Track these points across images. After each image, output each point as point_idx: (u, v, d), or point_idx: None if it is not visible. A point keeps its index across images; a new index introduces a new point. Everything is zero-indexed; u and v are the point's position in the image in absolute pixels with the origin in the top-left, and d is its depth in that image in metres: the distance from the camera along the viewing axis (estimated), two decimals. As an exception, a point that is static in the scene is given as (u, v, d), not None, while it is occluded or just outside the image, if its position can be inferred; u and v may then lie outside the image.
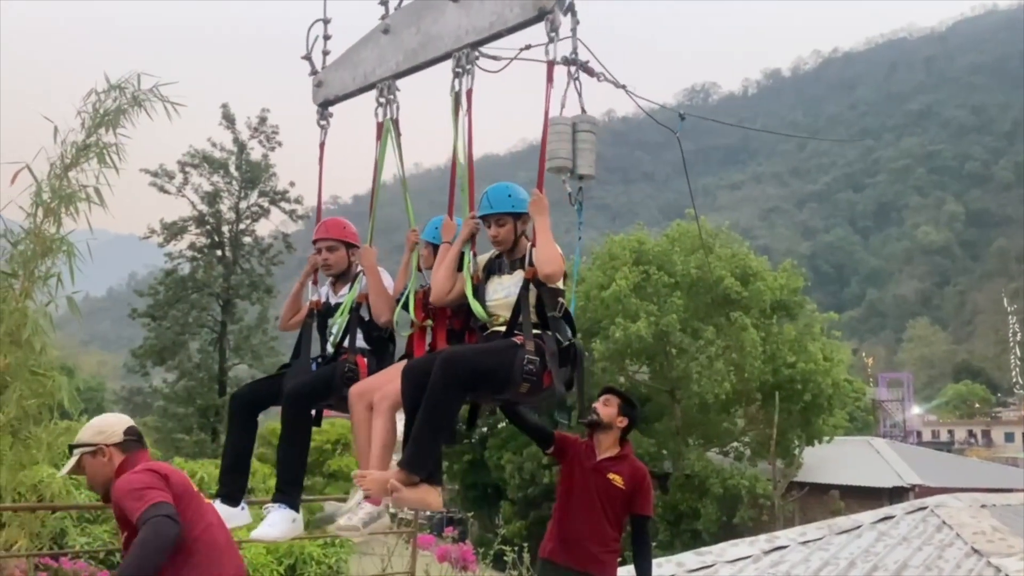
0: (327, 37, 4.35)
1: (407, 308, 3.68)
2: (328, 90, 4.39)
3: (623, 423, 4.35)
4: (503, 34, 3.55)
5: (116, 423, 3.12)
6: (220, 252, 28.40)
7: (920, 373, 79.59)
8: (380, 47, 4.09)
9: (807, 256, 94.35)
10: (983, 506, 7.42)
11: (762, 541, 6.47)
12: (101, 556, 8.19)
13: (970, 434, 61.50)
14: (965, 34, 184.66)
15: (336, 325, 3.95)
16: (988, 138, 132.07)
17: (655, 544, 16.33)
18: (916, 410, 59.49)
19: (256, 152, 28.07)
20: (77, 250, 6.60)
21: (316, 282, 4.23)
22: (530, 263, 3.35)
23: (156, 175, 27.31)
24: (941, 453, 37.22)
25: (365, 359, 3.81)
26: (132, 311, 28.32)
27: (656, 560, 6.28)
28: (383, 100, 3.97)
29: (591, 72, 3.58)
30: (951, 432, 62.23)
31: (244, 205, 28.54)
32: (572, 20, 3.47)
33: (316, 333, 4.07)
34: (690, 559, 6.06)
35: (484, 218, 3.53)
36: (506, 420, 22.63)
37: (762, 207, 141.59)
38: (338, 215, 4.31)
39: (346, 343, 3.88)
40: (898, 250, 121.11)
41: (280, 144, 28.06)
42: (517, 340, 3.25)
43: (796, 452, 22.73)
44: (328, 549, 10.47)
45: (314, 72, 4.43)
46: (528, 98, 3.43)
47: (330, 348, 3.99)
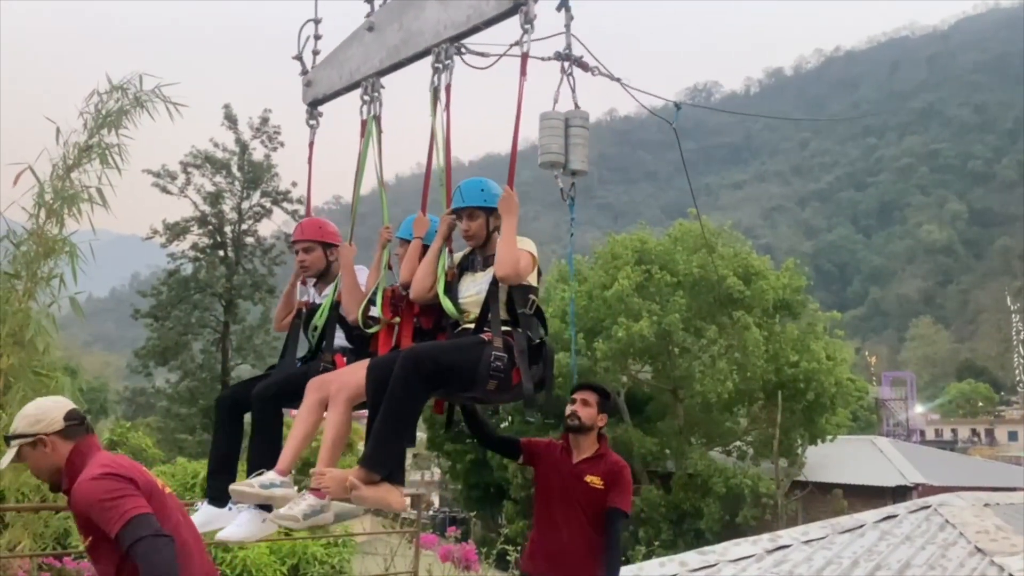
0: (317, 37, 4.36)
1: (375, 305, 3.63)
2: (317, 89, 4.40)
3: (604, 421, 4.21)
4: (480, 28, 3.53)
5: (54, 409, 2.89)
6: (222, 252, 28.43)
7: (923, 372, 79.52)
8: (365, 45, 4.09)
9: (810, 255, 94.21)
10: (986, 505, 7.41)
11: (765, 540, 6.47)
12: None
13: (973, 433, 61.42)
14: (967, 32, 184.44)
15: (317, 324, 3.92)
16: (991, 136, 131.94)
17: (658, 543, 16.35)
18: (919, 409, 59.40)
19: (258, 152, 28.12)
20: (80, 251, 6.61)
21: (305, 283, 4.20)
22: None
23: (158, 176, 27.35)
24: (944, 452, 37.15)
25: (345, 358, 3.77)
26: (135, 312, 28.37)
27: (659, 559, 6.28)
28: (367, 98, 3.97)
29: (585, 67, 3.56)
30: (954, 431, 62.16)
31: (246, 205, 28.58)
32: (566, 16, 3.45)
33: (303, 333, 4.04)
34: (693, 558, 6.05)
35: (456, 212, 3.49)
36: (509, 421, 22.72)
37: (764, 206, 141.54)
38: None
39: (325, 342, 3.85)
40: (901, 249, 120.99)
41: (282, 144, 28.08)
42: (485, 337, 3.22)
43: (799, 451, 22.71)
44: (331, 549, 10.47)
45: (304, 72, 4.44)
46: (531, 97, 3.39)
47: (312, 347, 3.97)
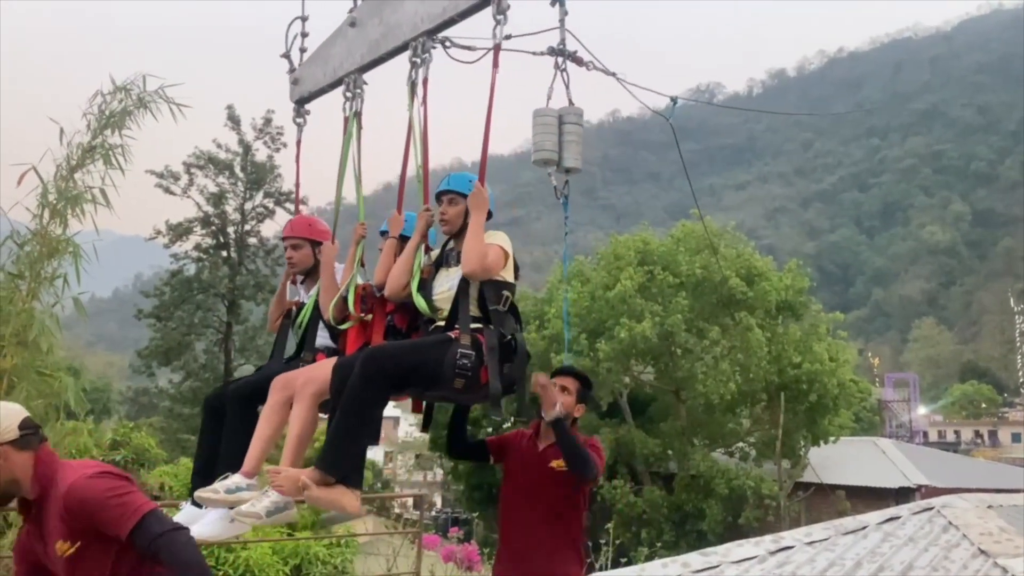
0: (304, 34, 4.35)
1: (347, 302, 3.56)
2: (303, 87, 4.39)
3: (581, 412, 3.93)
4: (456, 20, 3.52)
5: (8, 417, 2.73)
6: (225, 253, 28.45)
7: (926, 373, 79.42)
8: (348, 41, 4.08)
9: (812, 256, 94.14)
10: (990, 507, 7.39)
11: (767, 542, 6.45)
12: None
13: (976, 434, 61.36)
14: (971, 33, 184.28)
15: (302, 322, 3.88)
16: (994, 137, 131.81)
17: (660, 544, 16.32)
18: (922, 410, 59.36)
19: (261, 153, 28.11)
20: (83, 251, 6.63)
21: (296, 282, 4.18)
22: None
23: (161, 176, 27.37)
24: (947, 453, 37.10)
25: (326, 356, 3.70)
26: (138, 312, 28.40)
27: (661, 560, 6.27)
28: (349, 94, 3.95)
29: (580, 62, 3.51)
30: (957, 432, 62.09)
31: (249, 206, 28.58)
32: (560, 10, 3.42)
33: (292, 333, 4.02)
34: (695, 559, 6.04)
35: (437, 196, 3.44)
36: (511, 419, 22.70)
37: (767, 207, 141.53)
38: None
39: (307, 341, 3.81)
40: (904, 250, 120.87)
41: (285, 145, 28.05)
42: (453, 335, 3.14)
43: (802, 452, 22.68)
44: (333, 549, 10.47)
45: (292, 69, 4.43)
46: (528, 93, 3.39)
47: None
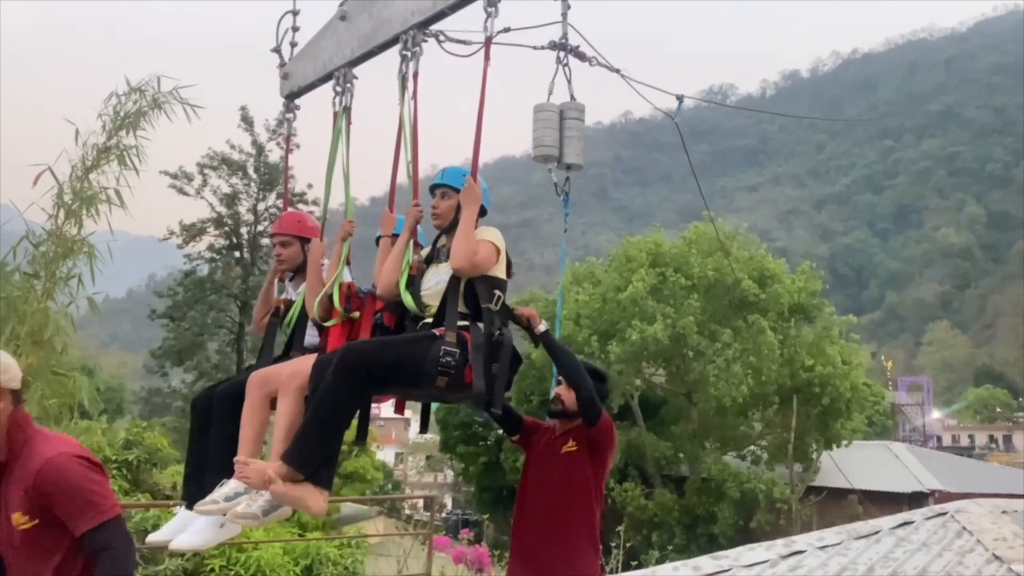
0: (295, 29, 4.29)
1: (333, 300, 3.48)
2: (293, 82, 4.33)
3: None
4: (447, 12, 3.48)
5: (15, 366, 2.67)
6: (238, 254, 28.59)
7: (940, 377, 78.80)
8: (338, 35, 4.03)
9: (825, 258, 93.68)
10: (1004, 512, 7.33)
11: (779, 545, 6.42)
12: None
13: (991, 439, 60.83)
14: (986, 34, 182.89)
15: (290, 321, 3.82)
16: (1009, 139, 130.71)
17: (671, 547, 16.27)
18: (936, 414, 58.90)
19: (274, 154, 28.26)
20: (98, 251, 6.67)
21: (283, 279, 4.14)
22: None
23: (175, 177, 27.55)
24: (961, 458, 36.78)
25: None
26: (151, 312, 28.58)
27: (672, 564, 6.26)
28: (339, 89, 3.88)
29: (583, 57, 3.47)
30: (971, 437, 61.59)
31: (262, 207, 28.71)
32: (563, 4, 3.38)
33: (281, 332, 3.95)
34: (707, 563, 6.02)
35: (431, 189, 3.40)
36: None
37: (780, 209, 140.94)
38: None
39: (295, 340, 3.75)
40: (918, 253, 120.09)
41: (298, 146, 28.03)
42: (438, 332, 3.05)
43: (814, 456, 22.56)
44: (344, 550, 10.50)
45: (282, 64, 4.37)
46: (545, 96, 3.35)
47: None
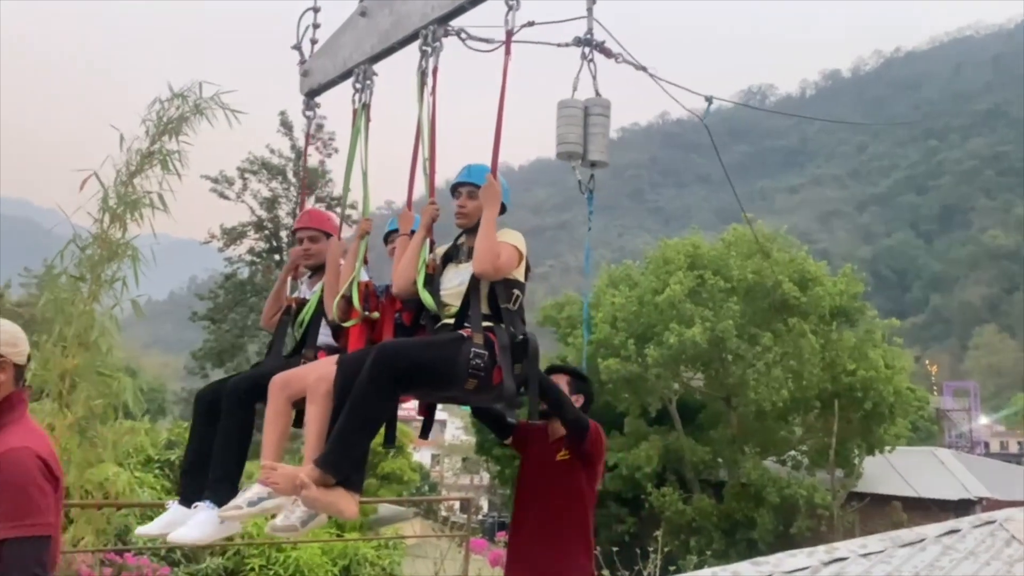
0: (316, 26, 4.24)
1: (351, 300, 3.44)
2: (313, 79, 4.27)
3: (579, 402, 3.83)
4: (466, 7, 3.42)
5: (23, 339, 2.54)
6: (278, 257, 28.95)
7: (987, 382, 76.91)
8: (358, 31, 3.98)
9: (867, 260, 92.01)
10: (1055, 521, 7.12)
11: (821, 552, 6.31)
12: (163, 552, 8.40)
13: (1041, 446, 59.27)
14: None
15: (303, 319, 3.77)
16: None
17: (709, 553, 16.11)
18: (983, 420, 57.52)
19: (313, 158, 28.60)
20: (141, 254, 6.81)
21: (297, 278, 4.10)
22: None
23: (216, 181, 28.02)
24: (1010, 465, 35.85)
25: (327, 355, 3.57)
26: (192, 314, 29.08)
27: (711, 569, 6.19)
28: (358, 86, 3.83)
29: (608, 53, 3.39)
30: (1020, 443, 60.06)
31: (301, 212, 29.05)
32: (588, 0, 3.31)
33: (291, 331, 3.90)
34: (746, 569, 5.94)
35: (456, 188, 3.35)
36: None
37: (821, 210, 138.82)
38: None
39: (308, 338, 3.70)
40: (964, 254, 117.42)
41: (336, 151, 28.47)
42: (465, 333, 3.01)
43: (856, 462, 22.19)
44: (382, 551, 10.57)
45: (302, 61, 4.32)
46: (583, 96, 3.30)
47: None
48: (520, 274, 3.22)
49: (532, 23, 3.26)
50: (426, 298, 3.23)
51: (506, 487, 28.45)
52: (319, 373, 3.16)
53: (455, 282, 3.23)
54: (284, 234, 28.97)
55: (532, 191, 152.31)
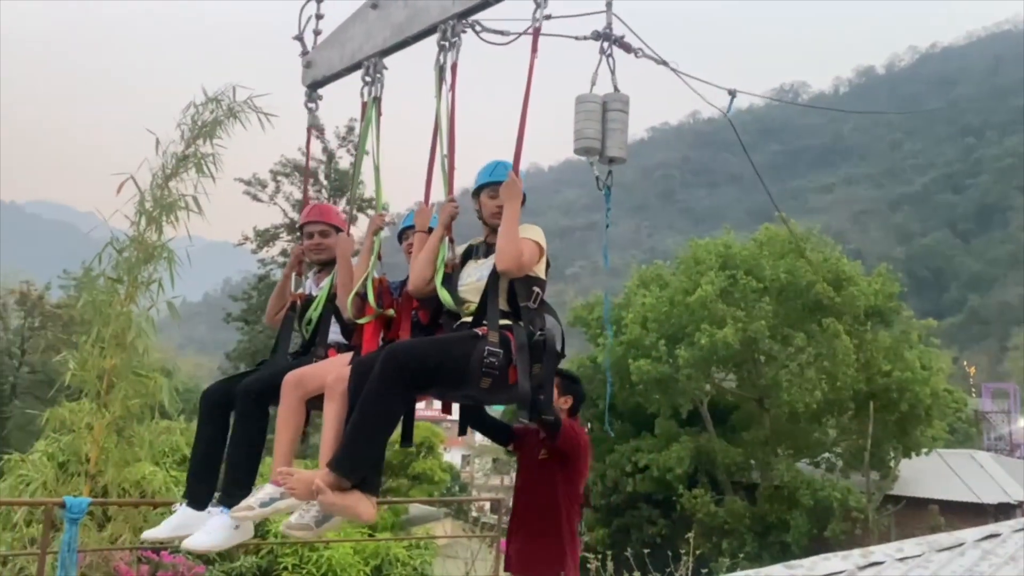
0: (319, 16, 4.20)
1: (366, 297, 3.40)
2: (316, 71, 4.21)
3: (567, 403, 3.93)
4: (491, 2, 3.38)
5: None
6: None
7: (1027, 383, 75.33)
8: (368, 23, 3.90)
9: (903, 260, 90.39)
10: (1099, 526, 6.95)
11: (856, 556, 6.22)
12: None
13: (1084, 449, 57.86)
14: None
15: (312, 317, 3.72)
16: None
17: (742, 555, 15.93)
18: (1023, 423, 56.34)
19: (344, 161, 28.78)
20: (177, 256, 6.91)
21: (301, 274, 4.05)
22: None
23: (249, 184, 28.33)
24: (1051, 468, 35.11)
25: (338, 352, 3.54)
26: (226, 315, 29.39)
27: (744, 572, 6.12)
28: (368, 79, 3.78)
29: (628, 48, 3.34)
30: (1062, 446, 58.71)
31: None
32: None
33: (297, 327, 3.85)
34: (779, 572, 5.87)
35: (479, 188, 3.31)
36: (610, 427, 22.36)
37: (854, 210, 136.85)
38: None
39: (319, 336, 3.65)
40: (1002, 254, 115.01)
41: (367, 152, 28.63)
42: (480, 331, 2.95)
43: (892, 464, 21.86)
44: (413, 551, 10.61)
45: (304, 53, 4.26)
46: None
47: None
48: (541, 271, 3.18)
49: (550, 16, 3.23)
50: (444, 296, 3.19)
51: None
52: (338, 374, 3.11)
53: (474, 277, 3.20)
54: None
55: (561, 192, 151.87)
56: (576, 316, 24.98)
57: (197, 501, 3.48)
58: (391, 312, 3.44)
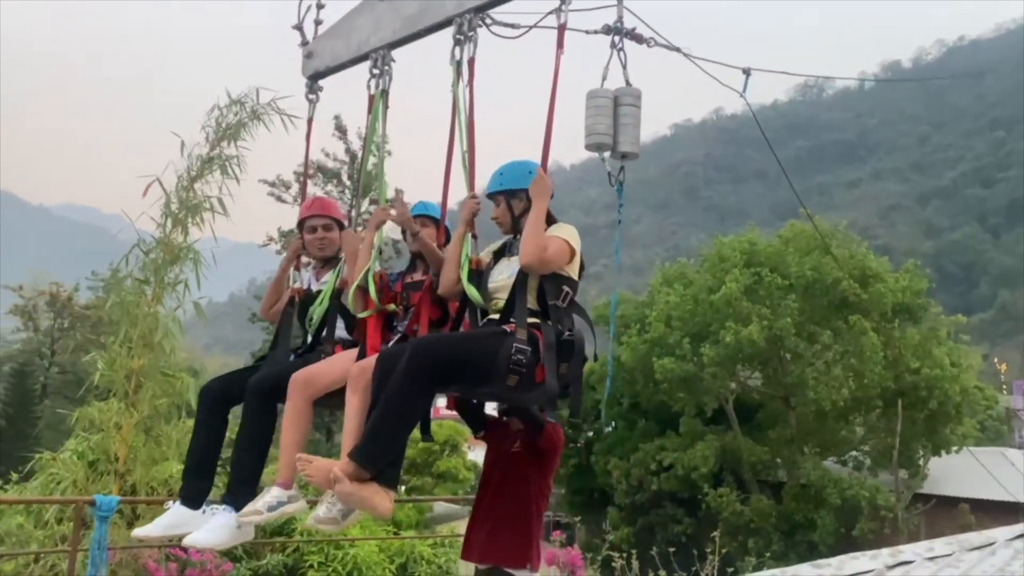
0: (320, 6, 4.14)
1: (367, 291, 3.37)
2: (318, 61, 4.12)
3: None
4: None
5: None
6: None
7: (1060, 380, 74.07)
8: (376, 14, 3.82)
9: (931, 256, 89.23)
10: None
11: (885, 555, 6.14)
12: (225, 548, 8.56)
13: (1119, 447, 56.79)
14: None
15: (316, 314, 3.68)
16: None
17: (768, 555, 15.82)
18: (1056, 420, 55.35)
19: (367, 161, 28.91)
20: (203, 258, 6.98)
21: (299, 268, 4.02)
22: None
23: (273, 185, 28.56)
24: (1085, 467, 34.47)
25: (343, 349, 3.50)
26: (252, 316, 29.61)
27: (770, 571, 6.07)
28: (376, 71, 3.71)
29: (640, 39, 3.29)
30: (1096, 444, 57.66)
31: (355, 213, 29.42)
32: None
33: (297, 323, 3.82)
34: (807, 571, 5.82)
35: (498, 196, 3.27)
36: (611, 425, 22.36)
37: (882, 205, 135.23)
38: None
39: (324, 333, 3.60)
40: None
41: (390, 153, 28.70)
42: (508, 328, 2.92)
43: (921, 462, 21.58)
44: (438, 549, 10.61)
45: (305, 43, 4.18)
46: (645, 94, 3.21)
47: (310, 338, 3.71)
48: (573, 271, 3.14)
49: (560, 9, 3.19)
50: (472, 292, 3.16)
51: (559, 486, 28.41)
52: (361, 367, 3.08)
53: (504, 274, 3.17)
54: (339, 237, 29.39)
55: (583, 191, 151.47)
56: (599, 315, 24.90)
57: (193, 499, 3.44)
58: (392, 307, 3.42)
